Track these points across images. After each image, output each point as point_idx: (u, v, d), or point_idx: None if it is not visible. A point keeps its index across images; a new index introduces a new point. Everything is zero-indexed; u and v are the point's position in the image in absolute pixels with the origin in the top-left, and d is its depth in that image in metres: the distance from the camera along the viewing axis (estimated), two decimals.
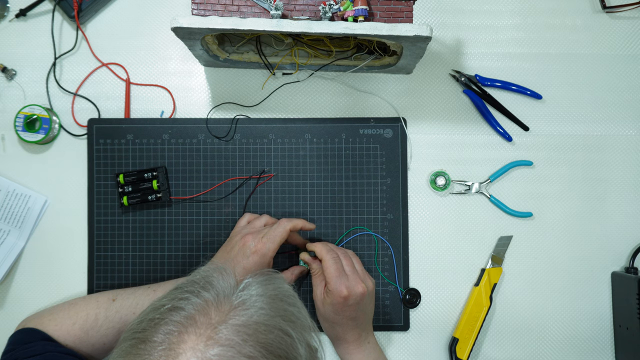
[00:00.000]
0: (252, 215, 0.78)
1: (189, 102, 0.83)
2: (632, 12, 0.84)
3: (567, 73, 0.84)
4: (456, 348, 0.79)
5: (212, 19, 0.65)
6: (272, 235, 0.71)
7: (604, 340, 0.81)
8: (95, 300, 0.72)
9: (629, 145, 0.83)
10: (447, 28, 0.84)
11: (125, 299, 0.72)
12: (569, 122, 0.83)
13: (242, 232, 0.74)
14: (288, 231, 0.71)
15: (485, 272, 0.80)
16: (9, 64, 0.83)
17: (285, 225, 0.71)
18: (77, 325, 0.69)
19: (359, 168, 0.82)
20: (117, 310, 0.70)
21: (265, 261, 0.70)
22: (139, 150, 0.81)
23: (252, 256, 0.69)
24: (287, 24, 0.65)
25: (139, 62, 0.84)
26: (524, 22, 0.84)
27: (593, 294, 0.82)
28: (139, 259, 0.81)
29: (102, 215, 0.81)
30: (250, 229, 0.74)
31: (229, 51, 0.80)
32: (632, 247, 0.82)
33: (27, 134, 0.80)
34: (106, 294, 0.73)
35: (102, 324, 0.70)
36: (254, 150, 0.82)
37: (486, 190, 0.82)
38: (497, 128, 0.82)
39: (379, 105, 0.83)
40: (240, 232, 0.74)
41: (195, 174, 0.81)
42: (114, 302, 0.71)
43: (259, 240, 0.70)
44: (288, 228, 0.71)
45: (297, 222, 0.73)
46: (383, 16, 0.68)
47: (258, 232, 0.72)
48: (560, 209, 0.82)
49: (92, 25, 0.84)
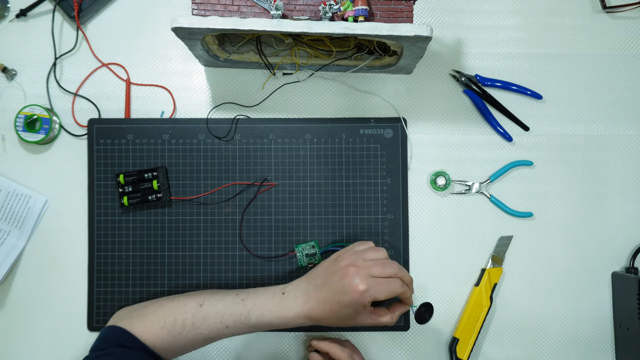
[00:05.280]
0: (370, 244, 0.72)
1: (189, 102, 0.84)
2: (632, 12, 0.84)
3: (567, 73, 0.84)
4: (456, 348, 0.79)
5: (212, 19, 0.65)
6: (382, 288, 0.65)
7: (604, 341, 0.81)
8: (182, 304, 0.70)
9: (629, 145, 0.83)
10: (447, 28, 0.84)
11: (213, 305, 0.69)
12: (569, 122, 0.83)
13: (352, 257, 0.68)
14: (398, 293, 0.66)
15: (486, 272, 0.80)
16: (10, 64, 0.83)
17: (396, 288, 0.66)
18: (165, 330, 0.68)
19: (359, 168, 0.82)
20: (204, 318, 0.68)
21: (360, 308, 0.65)
22: (139, 150, 0.81)
23: (352, 294, 0.64)
24: (287, 24, 0.65)
25: (139, 62, 0.84)
26: (524, 22, 0.84)
27: (593, 294, 0.82)
28: (139, 259, 0.81)
29: (103, 215, 0.81)
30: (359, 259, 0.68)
31: (229, 51, 0.80)
32: (633, 247, 0.82)
33: (27, 134, 0.80)
34: (194, 298, 0.71)
35: (190, 330, 0.68)
36: (254, 151, 0.82)
37: (486, 190, 0.82)
38: (498, 128, 0.82)
39: (379, 105, 0.83)
40: (350, 256, 0.68)
41: (196, 174, 0.81)
42: (202, 307, 0.69)
43: (366, 282, 0.64)
44: (399, 292, 0.66)
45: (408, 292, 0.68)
46: (383, 16, 0.68)
47: (366, 269, 0.66)
48: (561, 209, 0.83)
49: (93, 25, 0.84)
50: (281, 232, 0.81)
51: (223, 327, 0.68)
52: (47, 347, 0.81)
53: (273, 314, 0.67)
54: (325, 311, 0.66)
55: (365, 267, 0.66)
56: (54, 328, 0.81)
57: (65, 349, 0.81)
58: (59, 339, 0.81)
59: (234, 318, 0.68)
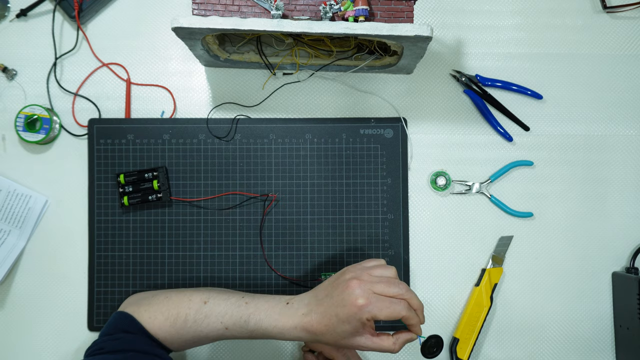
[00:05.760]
0: (381, 261, 0.68)
1: (190, 102, 0.84)
2: (632, 12, 0.84)
3: (567, 73, 0.84)
4: (457, 348, 0.79)
5: (212, 19, 0.65)
6: (382, 306, 0.61)
7: (604, 341, 0.81)
8: (188, 299, 0.70)
9: (629, 145, 0.83)
10: (448, 28, 0.84)
11: (216, 305, 0.69)
12: (569, 122, 0.83)
13: (358, 271, 0.65)
14: (400, 317, 0.62)
15: (486, 272, 0.80)
16: (10, 64, 0.83)
17: (400, 310, 0.61)
18: (168, 322, 0.69)
19: (359, 168, 0.82)
20: (206, 315, 0.68)
21: (359, 326, 0.62)
22: (139, 150, 0.81)
23: (350, 308, 0.61)
24: (288, 24, 0.65)
25: (139, 62, 0.84)
26: (525, 22, 0.84)
27: (593, 294, 0.82)
28: (139, 259, 0.81)
29: (103, 215, 0.81)
30: (365, 274, 0.64)
31: (230, 51, 0.80)
32: (633, 247, 0.82)
33: (27, 134, 0.80)
34: (200, 294, 0.71)
35: (191, 326, 0.68)
36: (255, 151, 0.82)
37: (487, 190, 0.82)
38: (498, 128, 0.82)
39: (380, 105, 0.83)
40: (356, 270, 0.65)
41: (196, 174, 0.81)
42: (205, 304, 0.69)
43: (366, 297, 0.61)
44: (402, 315, 0.61)
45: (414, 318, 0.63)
46: (384, 16, 0.68)
47: (369, 284, 0.63)
48: (561, 209, 0.83)
49: (93, 25, 0.84)
50: (281, 232, 0.81)
51: (223, 327, 0.68)
52: (47, 347, 0.81)
53: (272, 321, 0.66)
54: (322, 324, 0.63)
55: (370, 282, 0.63)
56: (54, 328, 0.81)
57: (65, 349, 0.81)
58: (59, 339, 0.81)
59: (233, 320, 0.68)
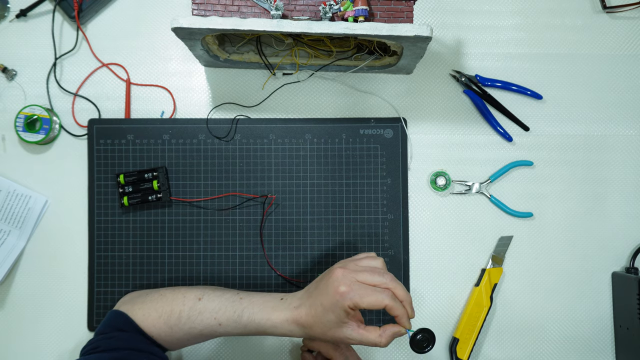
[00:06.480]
0: (371, 254, 0.69)
1: (190, 102, 0.84)
2: (632, 12, 0.84)
3: (567, 73, 0.84)
4: (456, 348, 0.79)
5: (212, 19, 0.65)
6: (364, 293, 0.61)
7: (604, 341, 0.81)
8: (182, 296, 0.71)
9: (629, 145, 0.83)
10: (448, 28, 0.84)
11: (211, 301, 0.69)
12: (569, 122, 0.83)
13: (346, 262, 0.66)
14: (383, 306, 0.61)
15: (486, 272, 0.80)
16: (10, 64, 0.83)
17: (382, 299, 0.61)
18: (162, 319, 0.69)
19: (359, 168, 0.82)
20: (200, 312, 0.69)
21: (342, 315, 0.61)
22: (139, 150, 0.81)
23: (333, 295, 0.61)
24: (288, 24, 0.65)
25: (139, 62, 0.84)
26: (525, 23, 0.84)
27: (593, 294, 0.82)
28: (139, 259, 0.81)
29: (103, 216, 0.81)
30: (351, 263, 0.65)
31: (229, 51, 0.80)
32: (633, 247, 0.82)
33: (27, 134, 0.80)
34: (195, 291, 0.71)
35: (185, 323, 0.69)
36: (255, 151, 0.82)
37: (486, 191, 0.82)
38: (498, 128, 0.82)
39: (379, 105, 0.83)
40: (345, 261, 0.67)
41: (196, 174, 0.81)
42: (200, 301, 0.69)
43: (348, 284, 0.61)
44: (384, 303, 0.61)
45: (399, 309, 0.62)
46: (383, 16, 0.68)
47: (353, 273, 0.63)
48: (561, 209, 0.83)
49: (93, 25, 0.84)
50: (281, 232, 0.81)
51: (216, 323, 0.68)
52: (47, 347, 0.81)
53: (265, 314, 0.66)
54: (310, 315, 0.63)
55: (354, 271, 0.63)
56: (54, 328, 0.81)
57: (65, 348, 0.81)
58: (59, 339, 0.81)
59: (227, 315, 0.68)
